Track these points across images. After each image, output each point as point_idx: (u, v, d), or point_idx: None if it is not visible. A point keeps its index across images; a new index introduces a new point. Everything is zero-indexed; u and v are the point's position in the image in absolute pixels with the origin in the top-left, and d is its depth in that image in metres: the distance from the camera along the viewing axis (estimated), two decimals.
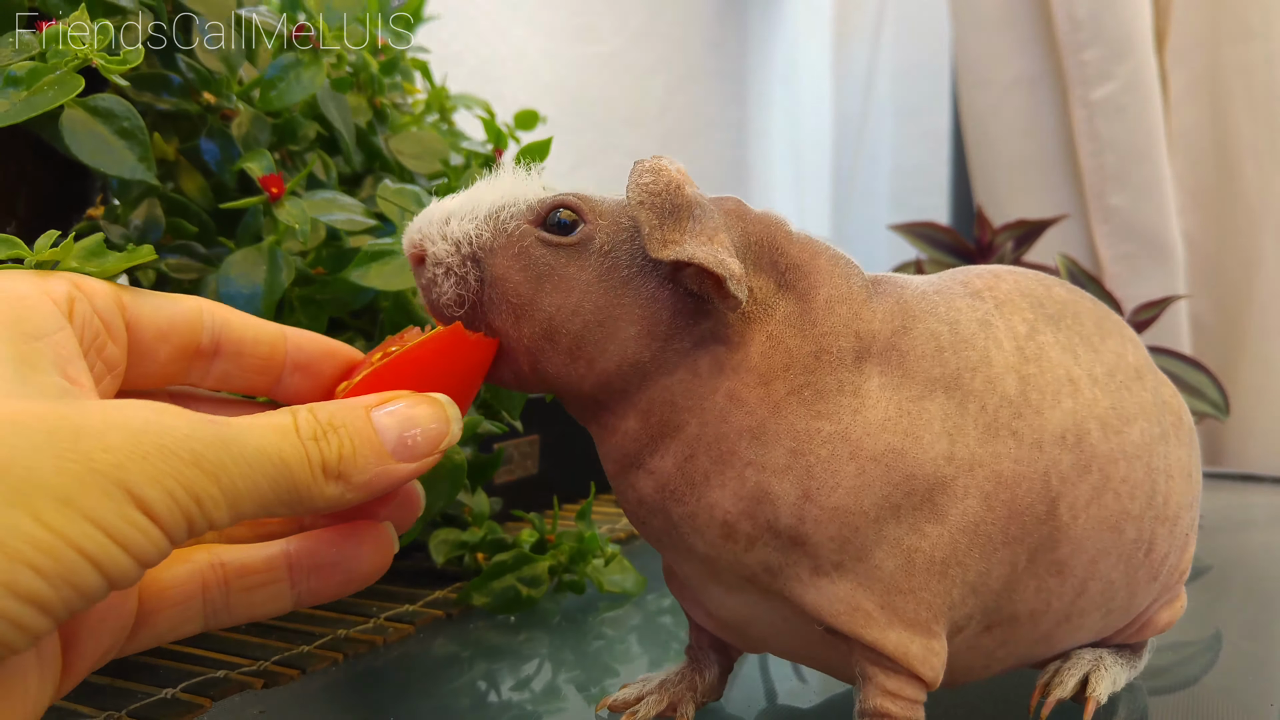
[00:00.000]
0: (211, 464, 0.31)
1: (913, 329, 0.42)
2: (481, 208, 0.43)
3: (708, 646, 0.49)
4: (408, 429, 0.37)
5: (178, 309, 0.40)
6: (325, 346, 0.44)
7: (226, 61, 0.58)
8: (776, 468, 0.40)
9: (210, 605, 0.39)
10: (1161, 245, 1.45)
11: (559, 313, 0.41)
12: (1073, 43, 1.47)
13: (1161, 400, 0.48)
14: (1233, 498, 1.14)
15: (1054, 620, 0.45)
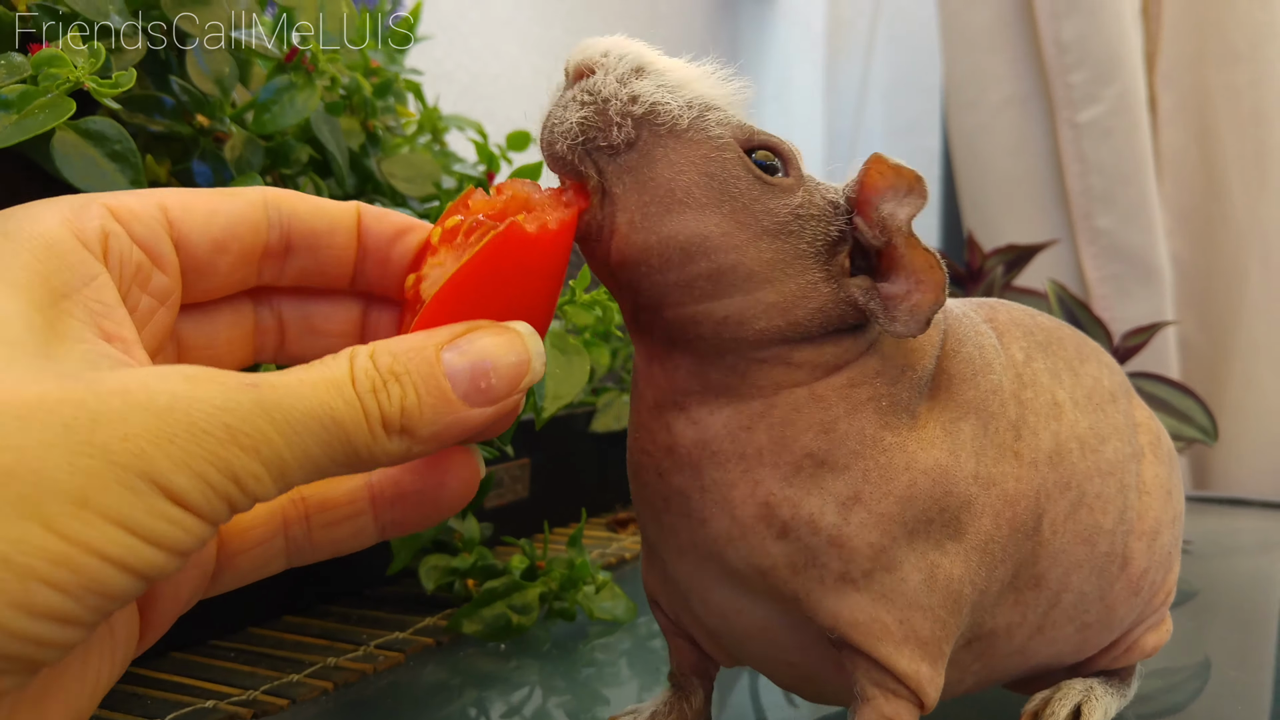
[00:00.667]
0: (251, 437, 0.28)
1: (958, 352, 0.43)
2: (688, 87, 0.38)
3: (690, 671, 0.49)
4: (481, 371, 0.33)
5: (235, 210, 0.36)
6: (397, 225, 0.40)
7: (220, 84, 0.58)
8: (835, 464, 0.39)
9: (293, 543, 0.37)
10: (1149, 266, 1.46)
11: (719, 238, 0.37)
12: (1059, 65, 1.48)
13: (1134, 421, 0.49)
14: (1220, 522, 1.14)
15: (1028, 633, 0.46)
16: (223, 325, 0.39)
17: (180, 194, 0.36)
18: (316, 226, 0.38)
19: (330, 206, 0.39)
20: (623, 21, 1.59)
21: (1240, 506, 1.23)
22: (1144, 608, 0.50)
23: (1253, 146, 1.47)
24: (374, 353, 0.32)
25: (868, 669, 0.41)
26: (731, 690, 0.59)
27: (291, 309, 0.40)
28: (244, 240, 0.37)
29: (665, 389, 0.40)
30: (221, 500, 0.28)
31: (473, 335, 0.34)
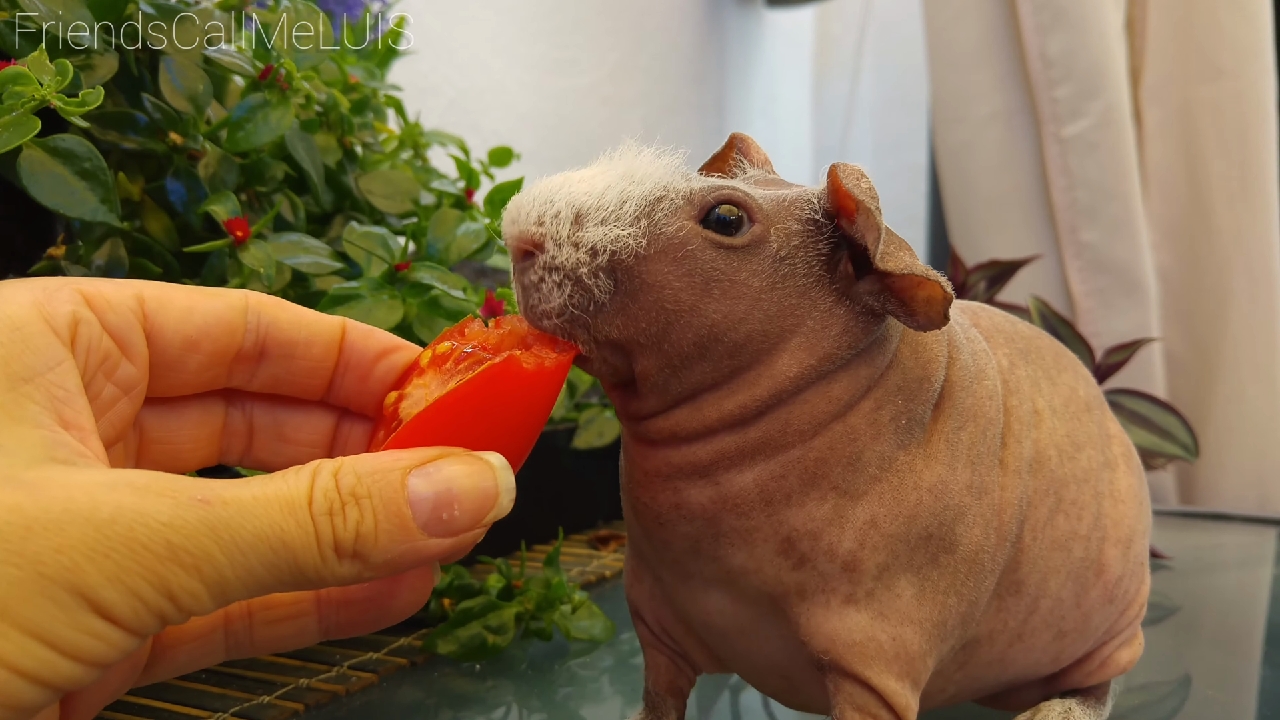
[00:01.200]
0: (193, 555, 0.28)
1: (957, 359, 0.43)
2: (627, 202, 0.38)
3: (665, 690, 0.48)
4: (446, 501, 0.32)
5: (213, 311, 0.36)
6: (383, 345, 0.39)
7: (194, 101, 0.57)
8: (856, 492, 0.40)
9: (233, 637, 0.37)
10: (1134, 281, 1.46)
11: (723, 321, 0.37)
12: (1045, 80, 1.48)
13: (1106, 432, 0.50)
14: (1203, 538, 1.14)
15: (1008, 640, 0.46)
16: (189, 422, 0.39)
17: (160, 288, 0.36)
18: (295, 337, 0.38)
19: (312, 319, 0.38)
20: (610, 38, 1.59)
21: (1223, 521, 1.23)
22: (1118, 618, 0.51)
23: (1237, 162, 1.48)
24: (339, 470, 0.32)
25: (851, 693, 0.41)
26: (710, 712, 0.58)
27: (263, 414, 0.40)
28: (218, 341, 0.36)
29: (684, 463, 0.40)
30: (152, 615, 0.28)
31: (442, 462, 0.33)
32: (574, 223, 0.37)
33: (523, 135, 1.36)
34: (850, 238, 0.39)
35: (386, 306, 0.57)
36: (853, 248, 0.39)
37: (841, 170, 0.38)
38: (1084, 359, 0.91)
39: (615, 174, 0.39)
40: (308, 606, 0.37)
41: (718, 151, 0.47)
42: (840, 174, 0.38)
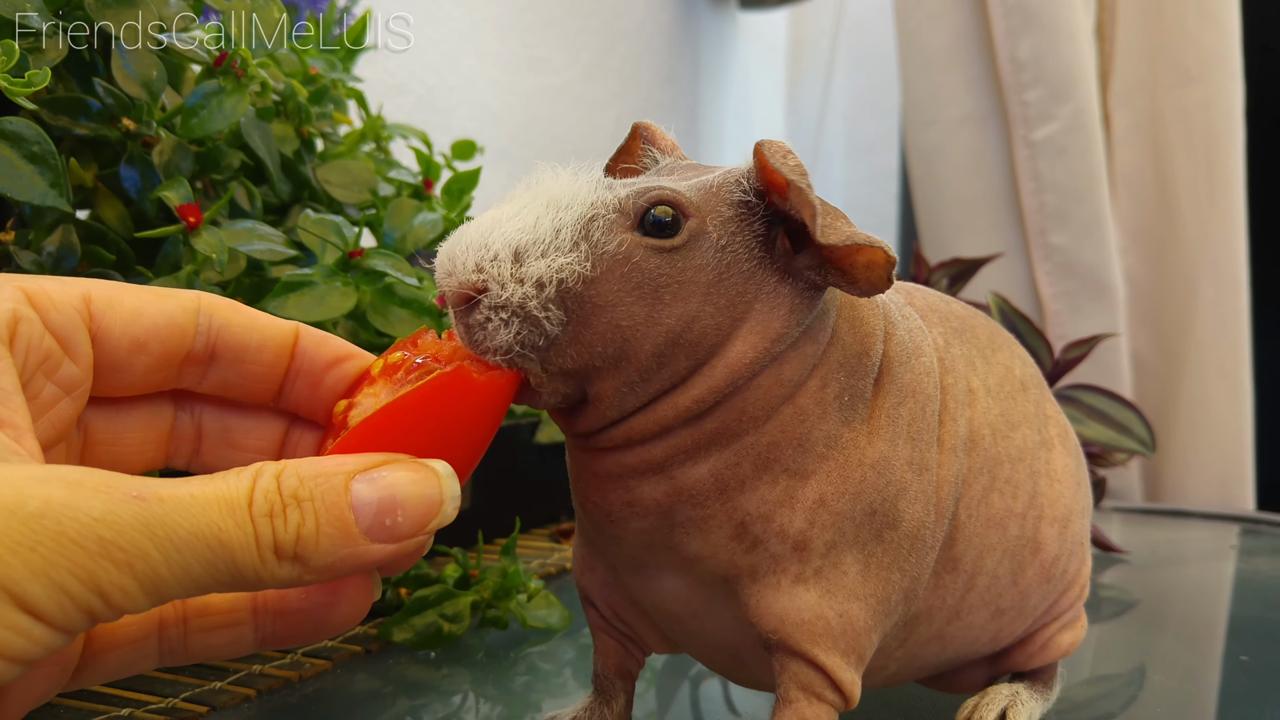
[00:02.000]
0: (126, 552, 0.27)
1: (894, 335, 0.43)
2: (562, 229, 0.37)
3: (614, 673, 0.49)
4: (389, 507, 0.32)
5: (163, 312, 0.36)
6: (336, 352, 0.39)
7: (147, 87, 0.57)
8: (805, 472, 0.40)
9: (167, 644, 0.36)
10: (1102, 284, 1.47)
11: (678, 324, 0.37)
12: (1015, 83, 1.49)
13: (1043, 413, 0.50)
14: (1162, 533, 1.15)
15: (946, 617, 0.46)
16: (136, 424, 0.38)
17: (109, 287, 0.35)
18: (246, 340, 0.37)
19: (265, 323, 0.38)
20: (582, 38, 1.59)
21: (1183, 518, 1.24)
22: (1058, 598, 0.51)
23: (1204, 166, 1.49)
24: (282, 473, 0.31)
25: (797, 671, 0.41)
26: (671, 702, 0.59)
27: (212, 419, 0.40)
28: (167, 343, 0.36)
29: (638, 463, 0.40)
30: (81, 612, 0.27)
31: (386, 468, 0.33)
32: (514, 261, 0.36)
33: (493, 134, 1.36)
34: (784, 213, 0.39)
35: (339, 294, 0.57)
36: (787, 223, 0.39)
37: (766, 148, 0.38)
38: (1042, 355, 0.91)
39: (541, 203, 0.38)
40: (244, 615, 0.37)
41: (623, 144, 0.46)
42: (766, 152, 0.38)
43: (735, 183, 0.39)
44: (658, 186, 0.38)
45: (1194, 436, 1.50)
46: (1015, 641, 0.52)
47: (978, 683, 0.54)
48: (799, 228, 0.38)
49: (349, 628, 0.37)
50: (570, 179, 0.39)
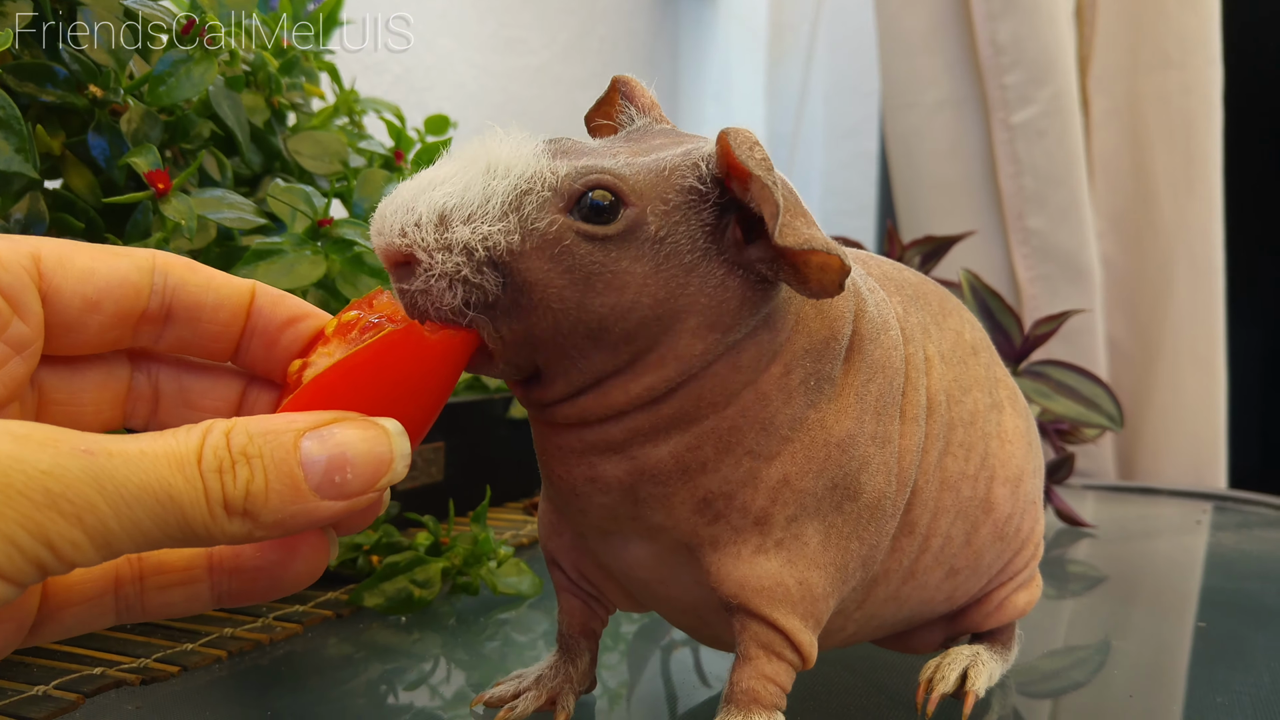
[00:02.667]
0: (74, 504, 0.28)
1: (865, 311, 0.43)
2: (492, 198, 0.37)
3: (578, 633, 0.49)
4: (338, 464, 0.32)
5: (117, 271, 0.35)
6: (292, 311, 0.39)
7: (115, 55, 0.57)
8: (769, 454, 0.40)
9: (123, 601, 0.36)
10: (1079, 267, 1.48)
11: (612, 313, 0.37)
12: (995, 67, 1.49)
13: (994, 376, 0.51)
14: (1130, 509, 1.17)
15: (901, 578, 0.47)
16: (92, 383, 0.38)
17: (61, 246, 0.35)
18: (203, 299, 0.37)
19: (221, 282, 0.38)
20: (560, 18, 1.59)
21: (1151, 495, 1.25)
22: (1012, 558, 0.52)
23: (1182, 152, 1.50)
24: (231, 430, 0.31)
25: (757, 632, 0.42)
26: (644, 667, 0.59)
27: (169, 379, 0.40)
28: (121, 303, 0.36)
29: (598, 440, 0.40)
30: (30, 564, 0.27)
31: (336, 426, 0.33)
32: (438, 226, 0.36)
33: (470, 114, 1.36)
34: (740, 203, 0.38)
35: (309, 262, 0.58)
36: (741, 212, 0.39)
37: (733, 137, 0.37)
38: (1013, 331, 0.92)
39: (476, 169, 0.37)
40: (200, 573, 0.37)
41: (602, 96, 0.46)
42: (732, 142, 0.37)
43: (692, 166, 0.38)
44: (600, 169, 0.37)
45: (1168, 421, 1.51)
46: (971, 601, 0.53)
47: (935, 643, 0.55)
48: (754, 219, 0.38)
49: (304, 585, 0.37)
50: (511, 146, 0.38)
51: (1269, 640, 0.67)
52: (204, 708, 0.51)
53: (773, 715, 0.42)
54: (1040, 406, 0.93)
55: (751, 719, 0.42)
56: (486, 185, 0.37)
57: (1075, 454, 0.98)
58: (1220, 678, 0.59)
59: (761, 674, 0.42)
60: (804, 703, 0.51)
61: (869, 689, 0.55)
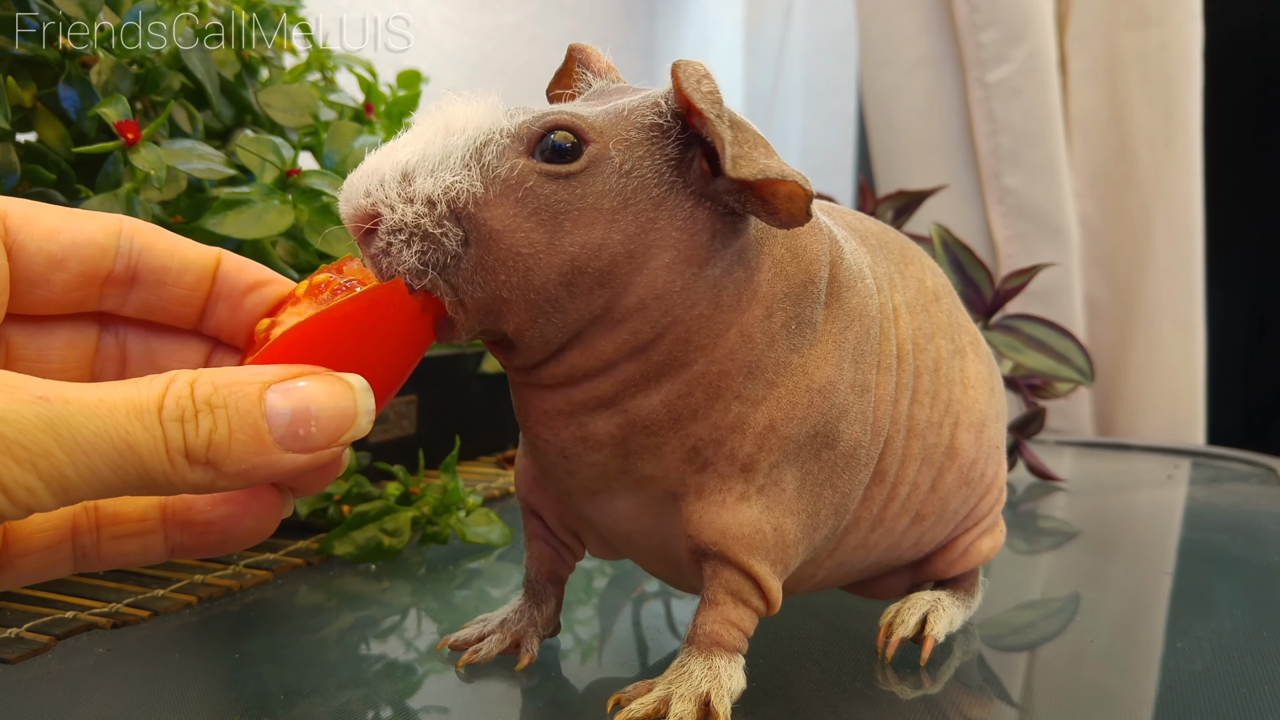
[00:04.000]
0: (28, 450, 0.28)
1: (842, 259, 0.44)
2: (452, 152, 0.37)
3: (545, 578, 0.50)
4: (302, 417, 0.33)
5: (83, 231, 0.36)
6: (256, 277, 0.39)
7: (84, 6, 0.58)
8: (755, 399, 0.41)
9: (80, 549, 0.37)
10: (1055, 226, 1.49)
11: (583, 252, 0.37)
12: (970, 24, 1.49)
13: (956, 321, 0.52)
14: (1102, 465, 1.18)
15: (870, 525, 0.48)
16: (59, 342, 0.39)
17: (27, 205, 0.36)
18: (168, 264, 0.38)
19: (187, 248, 0.38)
20: None
21: (1124, 450, 1.27)
22: (977, 503, 0.53)
23: (1160, 109, 1.50)
24: (196, 380, 0.32)
25: (728, 578, 0.43)
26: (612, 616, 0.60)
27: (136, 341, 0.40)
28: (86, 262, 0.36)
29: (587, 398, 0.40)
30: None
31: (302, 379, 0.33)
32: (401, 181, 0.37)
33: (446, 73, 1.36)
34: (700, 135, 0.38)
35: (277, 212, 0.58)
36: (705, 145, 0.39)
37: (682, 70, 0.37)
38: (983, 285, 0.93)
39: (435, 129, 0.38)
40: (154, 524, 0.37)
41: (560, 67, 0.46)
42: (681, 74, 0.37)
43: (652, 105, 0.39)
44: (556, 111, 0.38)
45: (1146, 380, 1.52)
46: (938, 548, 0.54)
47: (901, 589, 0.56)
48: None
49: (256, 541, 0.38)
50: (467, 105, 0.39)
51: (1232, 588, 0.69)
52: (173, 651, 0.52)
53: (733, 658, 0.43)
54: (1011, 361, 0.94)
55: (713, 660, 0.43)
56: (445, 143, 0.38)
57: (1046, 409, 0.99)
58: (1183, 624, 0.60)
59: (725, 618, 0.43)
60: (767, 646, 0.52)
61: (831, 633, 0.56)
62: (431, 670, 0.50)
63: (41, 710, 0.44)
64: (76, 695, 0.46)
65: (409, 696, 0.47)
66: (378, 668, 0.51)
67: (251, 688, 0.47)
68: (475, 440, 0.95)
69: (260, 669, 0.50)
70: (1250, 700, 0.48)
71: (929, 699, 0.48)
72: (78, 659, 0.50)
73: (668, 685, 0.42)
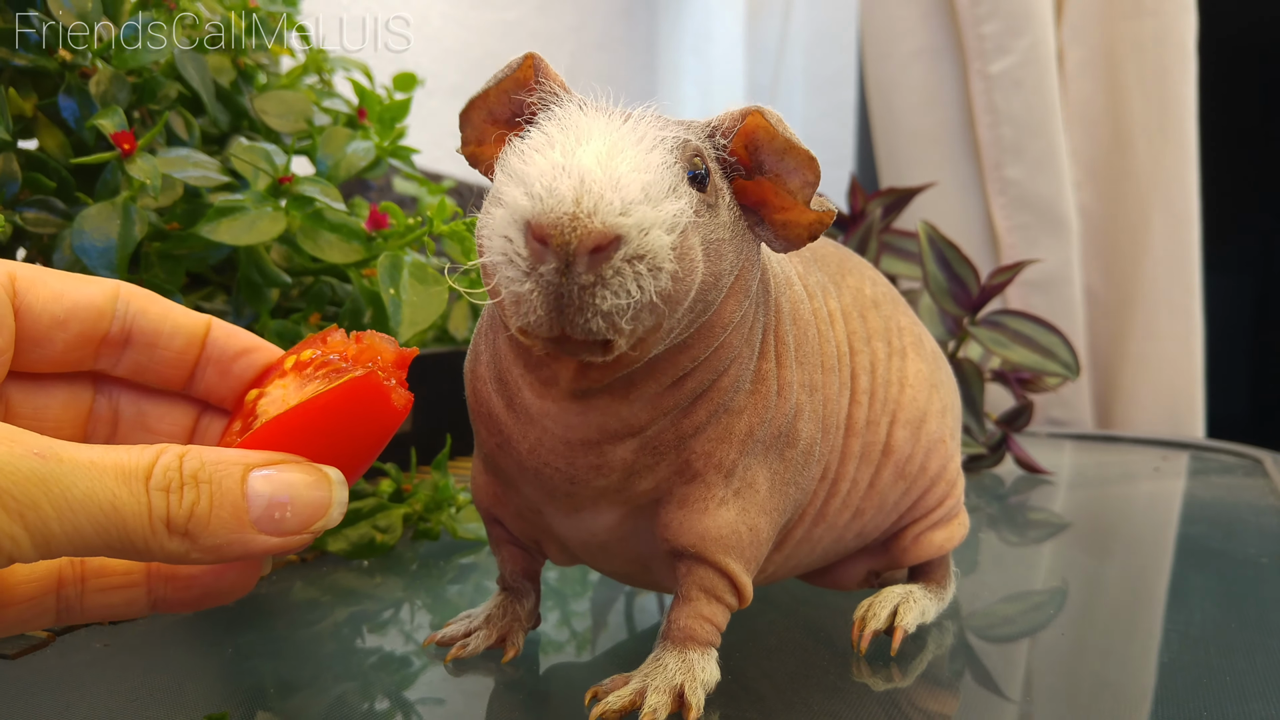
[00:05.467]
0: (18, 501, 0.29)
1: (769, 265, 0.46)
2: (665, 174, 0.35)
3: (523, 577, 0.52)
4: (280, 502, 0.34)
5: (83, 295, 0.38)
6: (244, 344, 0.41)
7: (83, 18, 0.59)
8: (739, 409, 0.43)
9: (64, 602, 0.38)
10: (1056, 217, 1.50)
11: (711, 278, 0.38)
12: (972, 16, 1.50)
13: (896, 325, 0.54)
14: (1091, 457, 1.20)
15: (812, 521, 0.50)
16: (56, 402, 0.40)
17: (35, 270, 0.38)
18: (160, 328, 0.40)
19: (179, 314, 0.40)
20: None
21: (1114, 443, 1.28)
22: (921, 496, 0.55)
23: (1157, 99, 1.51)
24: (186, 454, 0.33)
25: (702, 576, 0.45)
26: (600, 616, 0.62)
27: (129, 403, 0.42)
28: (85, 324, 0.38)
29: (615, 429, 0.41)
30: None
31: (284, 467, 0.35)
32: (646, 202, 0.34)
33: (446, 70, 1.37)
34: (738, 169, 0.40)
35: (270, 218, 0.60)
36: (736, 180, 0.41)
37: (769, 115, 0.39)
38: (970, 281, 0.94)
39: (630, 140, 0.36)
40: (138, 578, 0.39)
41: (513, 74, 0.42)
42: (770, 119, 0.39)
43: (708, 139, 0.40)
44: (684, 138, 0.37)
45: (1144, 369, 1.53)
46: (886, 537, 0.55)
47: (858, 577, 0.58)
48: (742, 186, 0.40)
49: (237, 597, 0.40)
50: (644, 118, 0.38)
51: (1204, 581, 0.70)
52: (170, 645, 0.54)
53: (707, 651, 0.45)
54: (998, 356, 0.95)
55: (687, 654, 0.44)
56: (659, 159, 0.36)
57: (1034, 402, 1.00)
58: (1153, 615, 0.62)
59: (699, 614, 0.45)
60: (742, 640, 0.54)
61: (805, 628, 0.58)
62: (423, 663, 0.52)
63: (41, 703, 0.46)
64: (75, 690, 0.48)
65: (402, 689, 0.49)
66: (371, 661, 0.52)
67: (247, 681, 0.49)
68: (468, 437, 0.96)
69: (255, 663, 0.51)
70: (1212, 689, 0.50)
71: (900, 691, 0.50)
72: (76, 654, 0.51)
73: (643, 678, 0.44)
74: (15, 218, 0.59)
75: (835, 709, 0.47)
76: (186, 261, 0.62)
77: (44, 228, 0.60)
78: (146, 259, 0.62)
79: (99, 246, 0.56)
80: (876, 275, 0.55)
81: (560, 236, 0.33)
